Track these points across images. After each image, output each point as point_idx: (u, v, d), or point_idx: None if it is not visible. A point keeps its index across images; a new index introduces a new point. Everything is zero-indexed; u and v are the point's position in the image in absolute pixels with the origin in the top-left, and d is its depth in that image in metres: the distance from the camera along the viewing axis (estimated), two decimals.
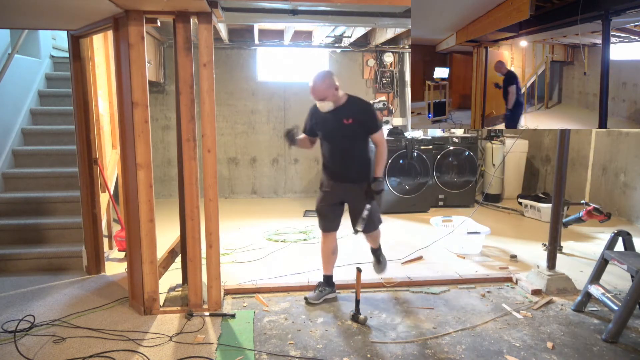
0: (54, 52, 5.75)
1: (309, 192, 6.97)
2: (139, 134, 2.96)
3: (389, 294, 3.48)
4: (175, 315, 3.11)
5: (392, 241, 4.74)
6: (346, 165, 3.20)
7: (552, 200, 3.57)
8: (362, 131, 3.14)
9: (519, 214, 5.88)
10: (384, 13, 4.38)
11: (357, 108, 3.14)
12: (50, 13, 3.06)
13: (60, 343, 2.76)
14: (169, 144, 6.62)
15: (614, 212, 5.52)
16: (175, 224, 3.29)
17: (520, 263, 4.14)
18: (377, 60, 6.79)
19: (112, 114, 4.40)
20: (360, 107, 3.16)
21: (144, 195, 3.02)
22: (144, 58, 2.90)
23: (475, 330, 2.95)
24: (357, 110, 3.12)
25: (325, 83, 3.02)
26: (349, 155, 3.18)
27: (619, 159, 5.56)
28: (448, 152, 6.12)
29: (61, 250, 3.95)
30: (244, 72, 6.66)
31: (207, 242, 3.11)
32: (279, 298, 3.39)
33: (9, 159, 4.54)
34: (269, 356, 2.63)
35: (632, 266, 2.90)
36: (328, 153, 3.24)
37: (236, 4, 4.01)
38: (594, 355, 2.67)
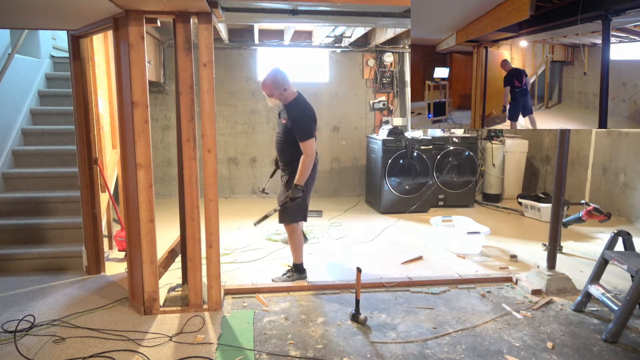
0: (54, 52, 5.75)
1: None
2: (139, 134, 2.96)
3: (389, 294, 3.48)
4: (175, 315, 3.11)
5: (392, 241, 4.74)
6: (280, 159, 3.56)
7: (552, 200, 3.57)
8: (292, 134, 3.34)
9: (519, 214, 5.88)
10: (384, 13, 4.38)
11: (292, 113, 3.37)
12: (50, 13, 3.05)
13: (60, 343, 2.76)
14: (169, 144, 6.62)
15: (614, 212, 5.52)
16: (175, 224, 3.29)
17: (520, 263, 4.14)
18: (377, 60, 6.79)
19: (112, 114, 4.40)
20: (293, 113, 3.36)
21: (144, 195, 3.02)
22: (144, 58, 2.90)
23: (475, 330, 2.95)
24: (291, 114, 3.36)
25: (272, 81, 3.33)
26: (281, 152, 3.51)
27: (619, 159, 5.56)
28: (448, 152, 6.12)
29: (61, 250, 3.95)
30: (244, 72, 6.66)
31: (207, 242, 3.11)
32: (279, 298, 3.39)
33: (9, 159, 4.55)
34: (269, 356, 2.63)
35: (632, 266, 2.90)
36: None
37: (236, 4, 4.01)
38: (594, 355, 2.67)
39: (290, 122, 3.34)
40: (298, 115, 3.35)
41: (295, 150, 3.36)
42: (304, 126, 3.32)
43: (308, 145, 3.30)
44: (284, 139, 3.44)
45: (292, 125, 3.32)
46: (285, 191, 3.45)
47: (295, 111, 3.37)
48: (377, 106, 6.84)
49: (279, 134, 3.49)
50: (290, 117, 3.35)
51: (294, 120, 3.33)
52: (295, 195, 3.32)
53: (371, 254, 4.34)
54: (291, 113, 3.36)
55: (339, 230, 5.16)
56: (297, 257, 3.65)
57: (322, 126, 6.81)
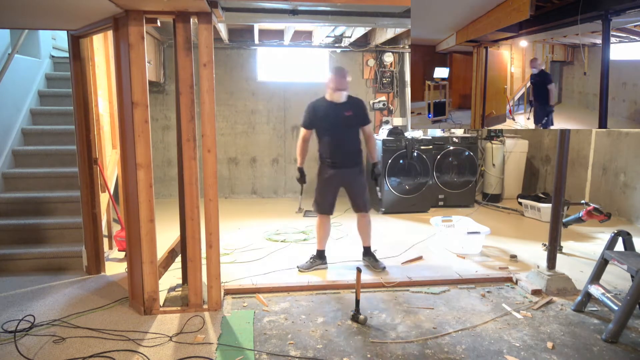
0: (54, 52, 5.75)
1: (309, 192, 6.94)
2: (139, 134, 2.96)
3: (389, 294, 3.48)
4: (175, 315, 3.11)
5: (392, 241, 4.74)
6: (345, 152, 3.76)
7: (552, 200, 3.57)
8: (356, 123, 3.79)
9: (519, 214, 5.88)
10: (384, 13, 4.38)
11: (355, 103, 3.79)
12: (50, 13, 3.05)
13: (60, 343, 2.76)
14: (169, 144, 6.62)
15: (614, 212, 5.52)
16: (175, 224, 3.29)
17: (520, 263, 4.14)
18: (377, 60, 6.79)
19: (112, 114, 4.40)
20: (356, 103, 3.81)
21: (144, 195, 3.02)
22: (144, 58, 2.90)
23: (475, 330, 2.95)
24: (355, 104, 3.78)
25: (346, 76, 3.72)
26: (347, 144, 3.75)
27: (619, 159, 5.56)
28: (448, 152, 6.12)
29: (61, 250, 3.95)
30: (244, 72, 6.66)
31: (207, 242, 3.11)
32: (279, 298, 3.39)
33: (9, 159, 4.55)
34: (269, 356, 2.63)
35: (632, 266, 2.89)
36: (328, 144, 3.76)
37: (236, 4, 4.01)
38: (594, 355, 2.67)
39: (356, 111, 3.74)
40: (360, 103, 3.81)
41: (358, 138, 3.83)
42: (367, 110, 3.87)
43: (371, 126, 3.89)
44: (355, 131, 3.79)
45: (359, 112, 3.77)
46: (361, 182, 3.82)
47: (357, 100, 3.81)
48: (377, 106, 6.84)
49: (346, 128, 3.74)
50: (355, 107, 3.75)
51: (362, 108, 3.80)
52: (380, 172, 3.93)
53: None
54: (353, 103, 3.76)
55: (339, 230, 5.16)
56: (369, 237, 4.01)
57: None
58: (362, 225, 3.96)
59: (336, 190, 3.84)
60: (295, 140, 6.77)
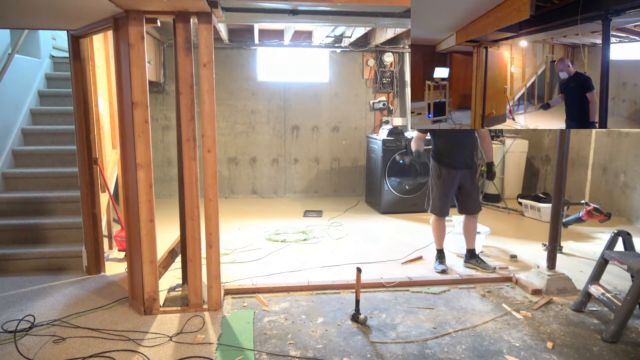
0: (54, 52, 5.75)
1: (308, 192, 6.98)
2: (139, 134, 2.96)
3: (389, 294, 3.48)
4: (175, 315, 3.11)
5: (392, 241, 4.74)
6: (463, 153, 3.81)
7: (552, 200, 3.57)
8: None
9: (519, 214, 5.87)
10: (384, 13, 4.38)
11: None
12: (50, 13, 3.05)
13: (60, 343, 2.76)
14: (169, 144, 6.62)
15: (614, 212, 5.52)
16: (175, 224, 3.29)
17: (520, 263, 4.14)
18: (377, 60, 6.79)
19: (112, 114, 4.40)
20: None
21: (144, 195, 3.02)
22: (144, 58, 2.90)
23: (475, 330, 2.95)
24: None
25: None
26: (464, 144, 3.82)
27: (619, 159, 5.56)
28: None
29: (61, 250, 3.95)
30: (244, 72, 6.66)
31: (207, 242, 3.11)
32: (279, 298, 3.39)
33: (9, 159, 4.55)
34: (269, 356, 2.63)
35: (632, 266, 2.90)
36: (446, 146, 3.82)
37: (236, 4, 4.01)
38: (594, 355, 2.67)
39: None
40: None
41: (474, 139, 3.92)
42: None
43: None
44: (471, 131, 3.82)
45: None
46: (474, 184, 3.88)
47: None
48: (377, 106, 6.84)
49: (463, 132, 3.76)
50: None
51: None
52: (495, 170, 3.98)
53: (371, 254, 4.34)
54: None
55: (339, 230, 5.16)
56: (474, 239, 4.06)
57: (322, 126, 6.81)
58: (471, 229, 3.97)
59: (454, 192, 3.86)
60: (295, 140, 6.78)
